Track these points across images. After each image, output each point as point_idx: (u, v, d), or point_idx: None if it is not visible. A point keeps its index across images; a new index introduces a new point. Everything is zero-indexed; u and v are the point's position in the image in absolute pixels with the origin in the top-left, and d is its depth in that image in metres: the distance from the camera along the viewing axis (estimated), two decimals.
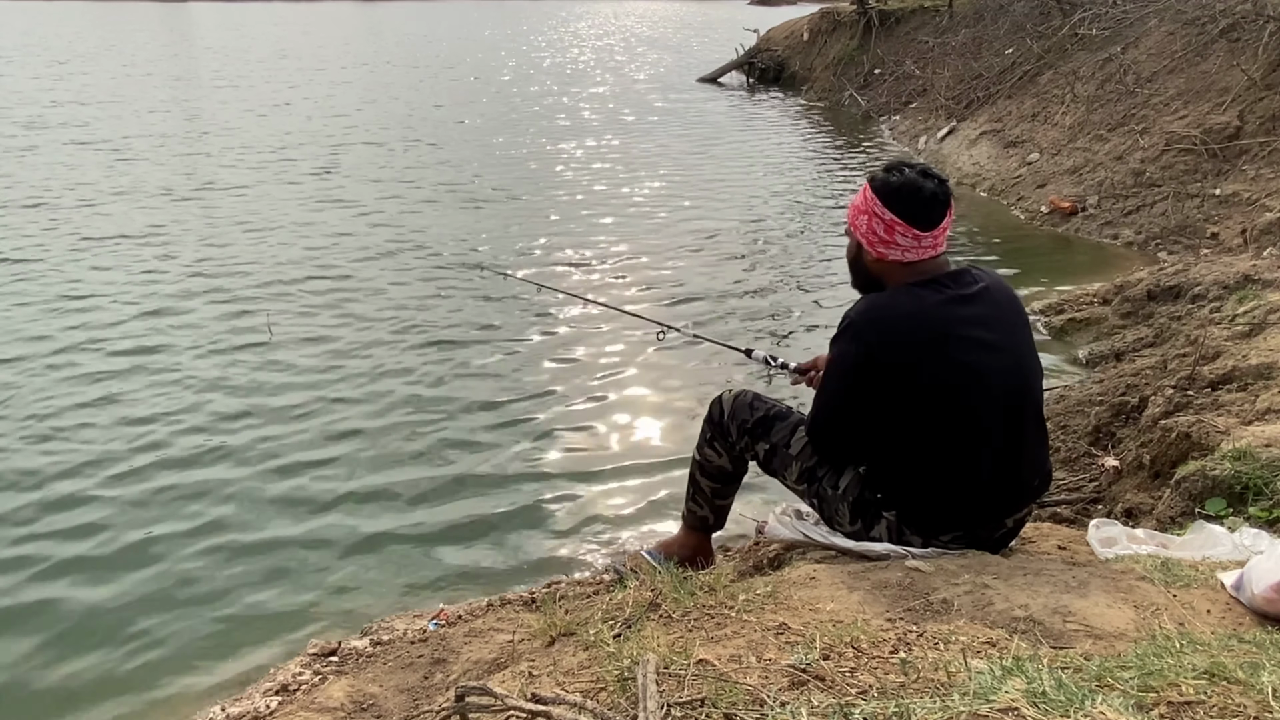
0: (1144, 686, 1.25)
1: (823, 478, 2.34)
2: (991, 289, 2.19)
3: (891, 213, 2.11)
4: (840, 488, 2.31)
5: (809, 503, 2.43)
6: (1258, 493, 2.47)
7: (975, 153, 10.11)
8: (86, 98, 14.39)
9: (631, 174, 10.05)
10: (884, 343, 2.10)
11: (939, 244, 2.16)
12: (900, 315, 2.12)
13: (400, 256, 6.87)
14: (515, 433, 4.28)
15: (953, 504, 2.17)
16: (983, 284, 2.18)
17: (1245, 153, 7.09)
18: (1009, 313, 2.21)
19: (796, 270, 6.74)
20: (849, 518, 2.29)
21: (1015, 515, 2.26)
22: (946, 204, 2.14)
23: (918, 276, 2.15)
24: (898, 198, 2.11)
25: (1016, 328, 2.21)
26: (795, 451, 2.38)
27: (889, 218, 2.11)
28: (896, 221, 2.11)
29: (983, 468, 2.14)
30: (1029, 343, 2.25)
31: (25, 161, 9.74)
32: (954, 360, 2.09)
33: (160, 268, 6.46)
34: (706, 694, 1.33)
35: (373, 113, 13.67)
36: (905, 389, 2.10)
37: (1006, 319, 2.19)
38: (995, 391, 2.12)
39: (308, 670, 2.66)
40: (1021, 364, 2.19)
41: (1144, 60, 9.11)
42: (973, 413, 2.11)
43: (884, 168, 2.20)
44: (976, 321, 2.12)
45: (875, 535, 2.25)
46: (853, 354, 2.15)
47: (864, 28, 16.21)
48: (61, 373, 4.77)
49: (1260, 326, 3.90)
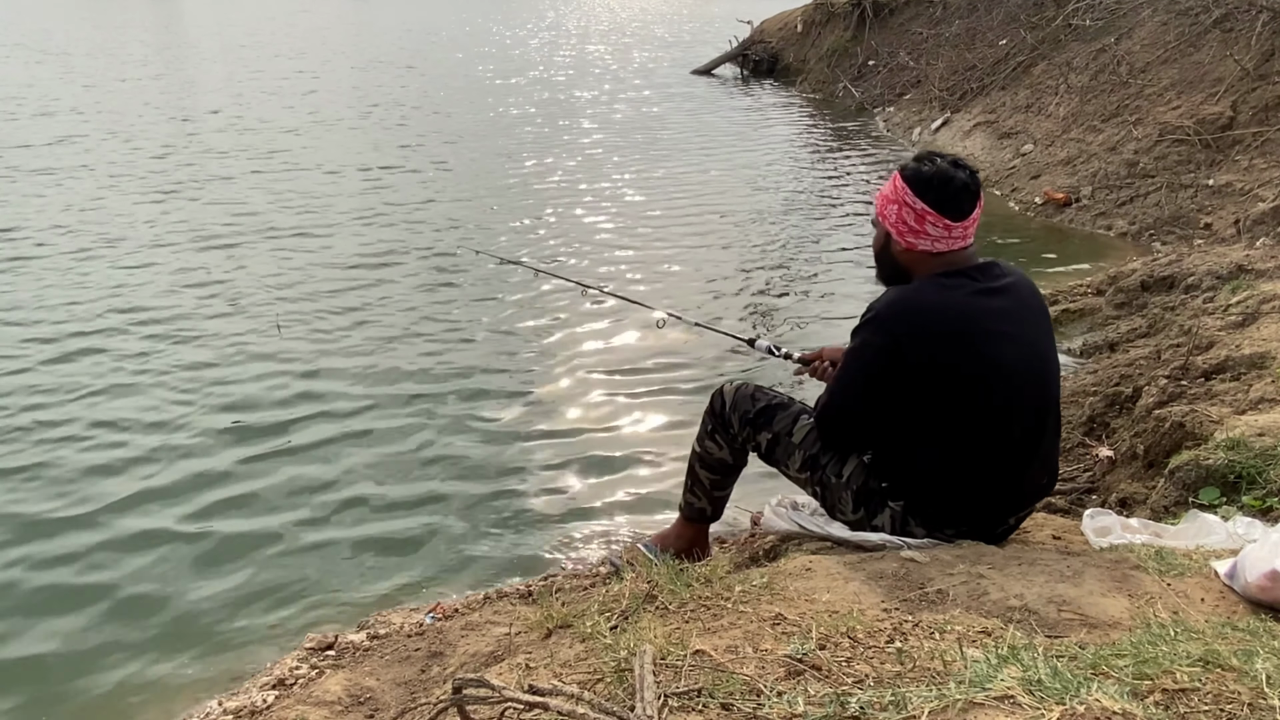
0: (1139, 674, 1.26)
1: (826, 465, 2.34)
2: (1018, 284, 2.19)
3: (923, 202, 2.11)
4: (844, 476, 2.31)
5: (811, 491, 2.42)
6: (1251, 482, 2.48)
7: (969, 144, 10.11)
8: (75, 88, 14.31)
9: (625, 166, 10.03)
10: (911, 335, 2.09)
11: (968, 235, 2.16)
12: (927, 307, 2.11)
13: (397, 248, 6.84)
14: (511, 424, 4.28)
15: (963, 497, 2.16)
16: (1010, 278, 2.18)
17: (1238, 143, 7.09)
18: (1033, 308, 2.21)
19: (791, 261, 6.74)
20: (852, 506, 2.29)
21: (1020, 513, 2.27)
22: (976, 195, 2.15)
23: (946, 268, 2.14)
24: (929, 187, 2.11)
25: (1040, 324, 2.22)
26: (798, 440, 2.38)
27: (920, 207, 2.11)
28: (928, 211, 2.11)
29: (997, 463, 2.13)
30: (1050, 339, 2.26)
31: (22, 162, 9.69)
32: (980, 354, 2.08)
33: (158, 261, 6.44)
34: (704, 684, 1.34)
35: (360, 107, 13.61)
36: (929, 381, 2.09)
37: (1031, 314, 2.20)
38: (1018, 387, 2.12)
39: (305, 664, 2.66)
40: (1043, 360, 2.20)
41: (1137, 51, 9.10)
42: (994, 408, 2.10)
43: (915, 158, 2.19)
44: (1003, 315, 2.12)
45: (878, 524, 2.25)
46: (877, 344, 2.13)
47: (858, 19, 16.16)
48: (62, 367, 4.76)
49: (1253, 316, 3.91)
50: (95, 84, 14.93)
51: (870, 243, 2.38)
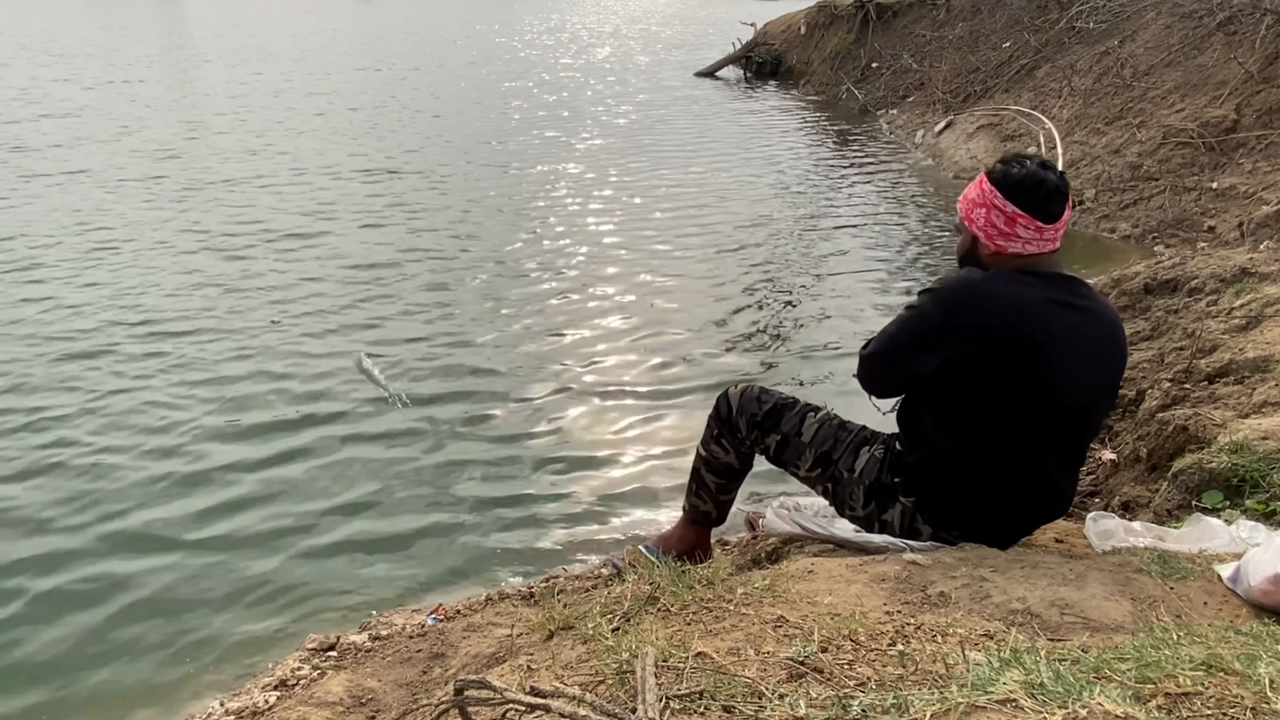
0: (1141, 678, 1.26)
1: (838, 460, 2.32)
2: (1100, 310, 2.15)
3: (1013, 204, 2.08)
4: (856, 470, 2.30)
5: (821, 489, 2.40)
6: (1254, 485, 2.48)
7: (973, 146, 10.10)
8: (78, 90, 14.35)
9: (627, 168, 10.03)
10: (969, 325, 2.05)
11: (1057, 239, 2.12)
12: (994, 297, 2.06)
13: (400, 252, 6.85)
14: (514, 426, 4.28)
15: (973, 505, 2.15)
16: (1092, 302, 2.14)
17: (1242, 146, 7.09)
18: (1106, 340, 2.14)
19: (796, 263, 6.75)
20: (863, 500, 2.28)
21: (1025, 534, 2.25)
22: (1066, 197, 2.12)
23: (1028, 267, 2.11)
24: (1020, 189, 2.08)
25: (1108, 360, 2.15)
26: (808, 439, 2.36)
27: (1011, 210, 2.08)
28: (1019, 213, 2.08)
29: (1016, 480, 2.11)
30: (1115, 379, 2.20)
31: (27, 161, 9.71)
32: (1034, 364, 2.03)
33: (161, 264, 6.45)
34: (705, 686, 1.34)
35: (366, 111, 13.63)
36: (971, 376, 2.06)
37: (1103, 346, 2.13)
38: (1063, 412, 2.08)
39: (306, 665, 2.66)
40: (1097, 391, 2.14)
41: (1141, 53, 9.10)
42: (1031, 425, 2.07)
43: (1002, 160, 2.17)
44: (1071, 332, 2.06)
45: (886, 519, 2.25)
46: (931, 318, 2.10)
47: (861, 21, 16.17)
48: (65, 368, 4.77)
49: (1257, 319, 3.90)
50: (98, 85, 14.95)
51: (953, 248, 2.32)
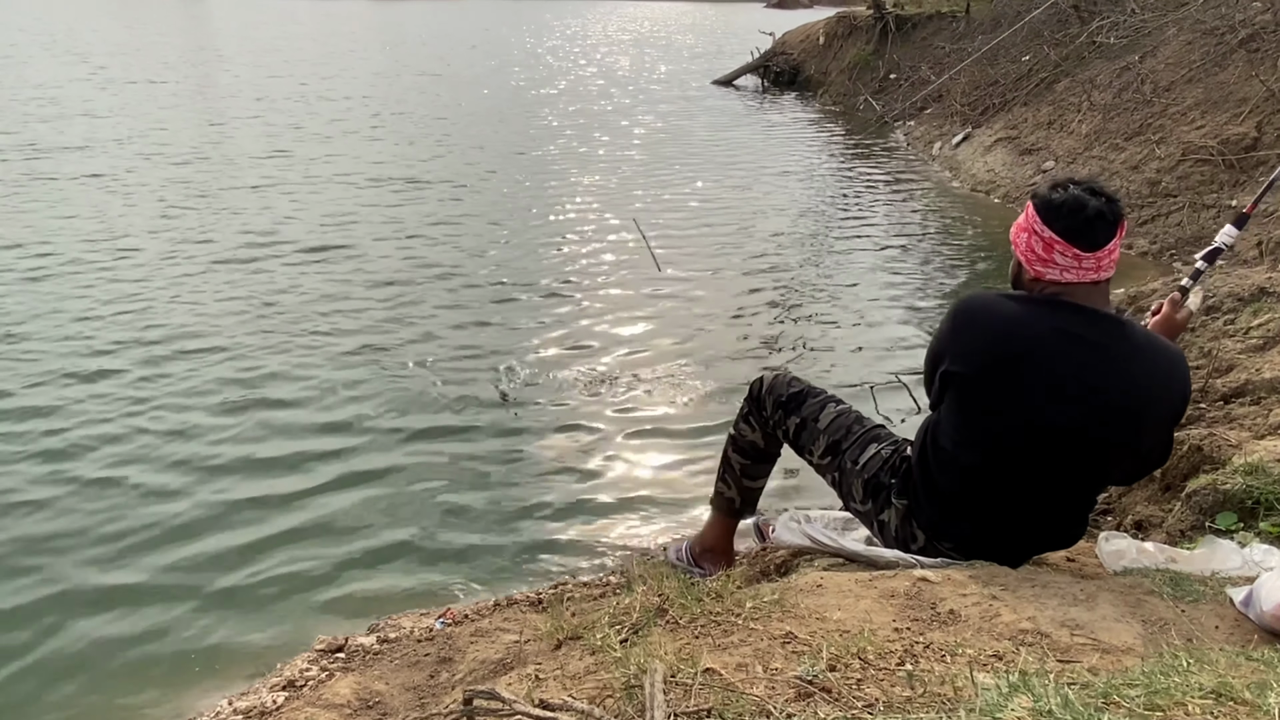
0: (1150, 705, 1.25)
1: (845, 451, 2.35)
2: (1137, 357, 1.98)
3: (1051, 230, 1.99)
4: (860, 464, 2.32)
5: (830, 479, 2.44)
6: (1269, 508, 2.46)
7: (990, 159, 10.08)
8: (100, 91, 14.48)
9: (644, 176, 10.05)
10: (964, 336, 2.06)
11: (1101, 268, 1.99)
12: (992, 316, 2.03)
13: (417, 263, 6.89)
14: (525, 432, 4.29)
15: (957, 516, 2.15)
16: (1124, 343, 1.98)
17: (1262, 164, 7.04)
18: (1114, 374, 1.96)
19: (813, 276, 6.74)
20: (862, 495, 2.31)
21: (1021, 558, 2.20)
22: (1114, 224, 1.98)
23: (1057, 294, 2.02)
24: (1058, 215, 1.98)
25: (1110, 391, 1.96)
26: (823, 426, 2.41)
27: (1048, 235, 1.99)
28: (1056, 240, 1.98)
29: (997, 496, 2.10)
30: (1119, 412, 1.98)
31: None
32: (1006, 378, 2.00)
33: (176, 271, 6.50)
34: (713, 704, 1.34)
35: (384, 115, 13.71)
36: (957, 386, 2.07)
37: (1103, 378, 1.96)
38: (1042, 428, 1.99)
39: (315, 666, 2.67)
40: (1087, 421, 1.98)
41: (1162, 70, 9.06)
42: (1008, 440, 2.03)
43: (1049, 183, 2.07)
44: (1072, 367, 1.96)
45: (884, 519, 2.26)
46: (942, 330, 2.12)
47: (880, 32, 16.18)
48: (79, 368, 4.82)
49: (1274, 340, 3.87)
50: (121, 87, 15.09)
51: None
